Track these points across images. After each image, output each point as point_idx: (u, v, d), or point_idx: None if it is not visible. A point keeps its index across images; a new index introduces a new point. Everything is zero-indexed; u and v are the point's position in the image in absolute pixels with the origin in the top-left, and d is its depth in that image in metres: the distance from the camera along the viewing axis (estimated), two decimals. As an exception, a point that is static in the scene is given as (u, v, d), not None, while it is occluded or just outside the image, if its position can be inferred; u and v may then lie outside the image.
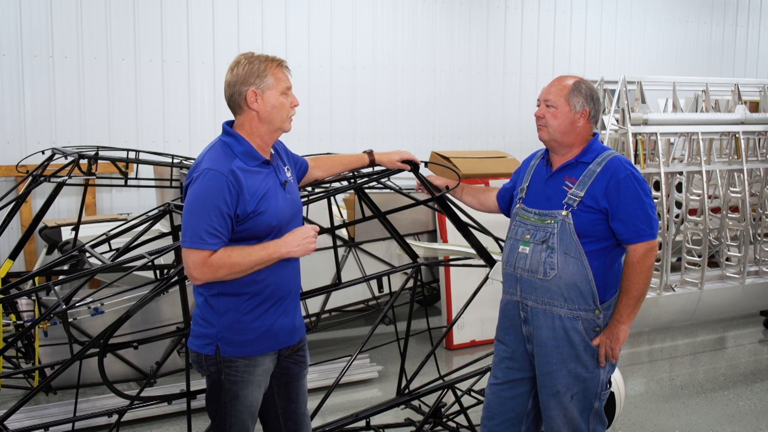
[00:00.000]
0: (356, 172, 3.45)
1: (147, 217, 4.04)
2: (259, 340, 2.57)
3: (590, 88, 2.92)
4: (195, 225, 2.41)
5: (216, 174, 2.44)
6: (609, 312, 2.88)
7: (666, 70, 10.02)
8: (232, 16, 7.28)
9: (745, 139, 6.00)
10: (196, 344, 2.58)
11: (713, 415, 4.66)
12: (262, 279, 2.54)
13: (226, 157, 2.51)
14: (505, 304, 3.06)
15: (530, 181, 3.04)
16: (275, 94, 2.55)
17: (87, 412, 3.94)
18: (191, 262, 2.42)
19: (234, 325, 2.53)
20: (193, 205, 2.45)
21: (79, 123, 6.70)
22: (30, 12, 6.43)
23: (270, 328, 2.59)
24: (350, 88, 7.86)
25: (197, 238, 2.40)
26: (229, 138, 2.57)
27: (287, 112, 2.60)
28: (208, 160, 2.51)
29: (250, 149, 2.55)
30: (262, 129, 2.57)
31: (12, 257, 4.95)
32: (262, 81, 2.52)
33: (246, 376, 2.57)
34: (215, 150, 2.55)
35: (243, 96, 2.53)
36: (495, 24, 8.82)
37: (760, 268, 6.23)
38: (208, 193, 2.42)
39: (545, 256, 2.85)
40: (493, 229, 3.97)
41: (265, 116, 2.55)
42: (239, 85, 2.53)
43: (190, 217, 2.44)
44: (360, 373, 5.13)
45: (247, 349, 2.55)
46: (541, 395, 2.96)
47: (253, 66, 2.53)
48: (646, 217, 2.79)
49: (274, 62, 2.57)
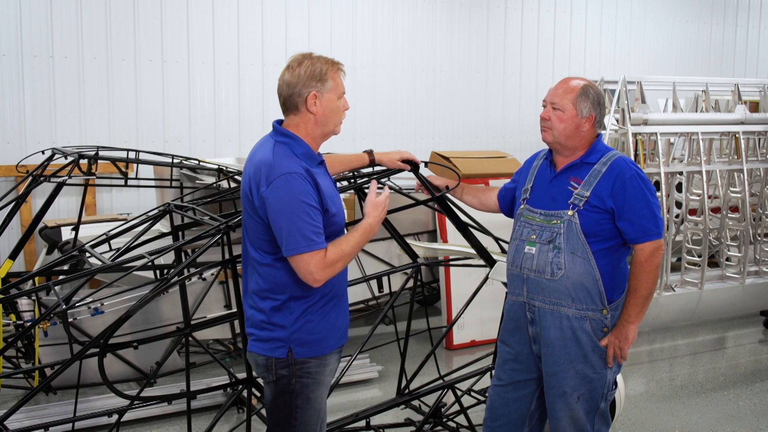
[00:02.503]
0: (356, 172, 3.45)
1: (147, 217, 4.03)
2: (328, 338, 2.58)
3: (598, 92, 2.91)
4: (300, 228, 2.38)
5: (298, 177, 2.41)
6: (617, 312, 2.88)
7: (666, 70, 10.02)
8: (232, 16, 7.28)
9: (745, 139, 6.00)
10: (265, 348, 2.54)
11: (713, 415, 4.66)
12: (332, 279, 2.55)
13: (293, 158, 2.48)
14: (511, 305, 3.05)
15: (534, 182, 3.03)
16: (333, 98, 2.56)
17: (87, 412, 3.94)
18: (313, 265, 2.39)
19: (306, 326, 2.53)
20: (288, 209, 2.39)
21: (79, 123, 6.70)
22: (30, 12, 6.43)
23: (334, 325, 2.61)
24: (350, 88, 7.81)
25: (308, 241, 2.38)
26: (287, 139, 2.53)
27: (341, 116, 2.62)
28: (282, 164, 2.44)
29: (309, 150, 2.54)
30: (316, 131, 2.57)
31: (12, 257, 4.95)
32: (324, 84, 2.52)
33: (317, 377, 2.57)
34: (279, 152, 2.49)
35: (303, 98, 2.51)
36: (495, 24, 8.82)
37: (760, 268, 6.23)
38: (298, 195, 2.39)
39: (552, 256, 2.85)
40: (493, 229, 3.96)
41: (321, 119, 2.55)
42: (300, 86, 2.51)
43: (292, 222, 2.38)
44: (360, 373, 5.13)
45: (319, 348, 2.56)
46: (547, 396, 2.96)
47: (316, 68, 2.52)
48: (652, 216, 2.80)
49: (334, 66, 2.58)
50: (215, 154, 7.17)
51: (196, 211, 3.81)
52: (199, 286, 4.86)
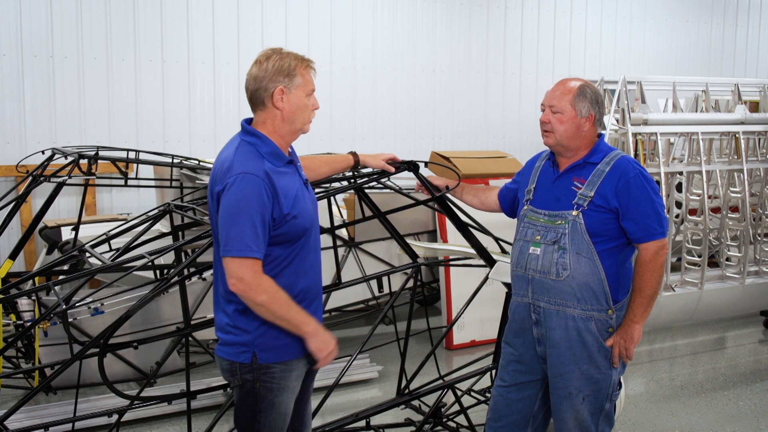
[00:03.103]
0: (356, 171, 3.45)
1: (147, 217, 4.04)
2: (294, 343, 2.50)
3: (595, 91, 2.90)
4: (240, 231, 2.33)
5: (252, 178, 2.35)
6: (622, 312, 2.88)
7: (666, 70, 10.02)
8: (232, 16, 7.28)
9: (745, 139, 6.00)
10: (230, 353, 2.49)
11: (713, 415, 4.66)
12: (299, 282, 2.51)
13: (256, 158, 2.42)
14: (516, 306, 3.05)
15: (537, 183, 3.03)
16: (301, 95, 2.49)
17: (87, 412, 3.94)
18: (242, 272, 2.33)
19: (270, 331, 2.46)
20: (232, 211, 2.35)
21: (79, 123, 6.70)
22: (30, 12, 6.43)
23: None
24: (350, 88, 7.86)
25: (243, 246, 2.32)
26: (253, 138, 2.48)
27: (309, 114, 2.55)
28: (239, 164, 2.39)
29: (275, 149, 2.48)
30: (284, 129, 2.51)
31: (12, 257, 4.95)
32: (291, 80, 2.46)
33: (282, 382, 2.52)
34: (242, 151, 2.44)
35: (269, 93, 2.45)
36: (495, 24, 8.82)
37: (760, 268, 6.23)
38: (247, 198, 2.34)
39: (557, 256, 2.84)
40: (494, 229, 3.96)
41: (288, 116, 2.49)
42: (267, 81, 2.44)
43: (232, 224, 2.34)
44: (360, 373, 5.13)
45: (284, 353, 2.50)
46: (552, 397, 2.96)
47: (284, 63, 2.45)
48: (656, 216, 2.80)
49: (304, 62, 2.50)
50: (215, 154, 7.13)
51: (196, 211, 3.81)
52: (199, 286, 4.86)
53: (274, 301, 2.38)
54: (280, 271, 2.47)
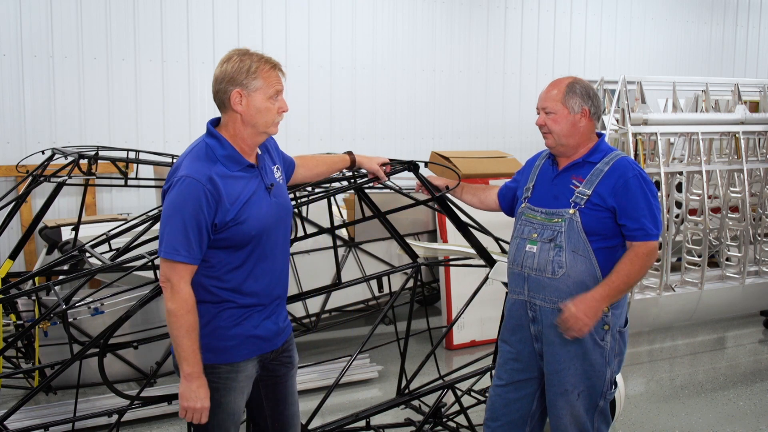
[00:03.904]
0: (356, 171, 3.45)
1: (147, 217, 4.04)
2: (241, 346, 2.49)
3: (584, 86, 2.92)
4: (170, 234, 2.33)
5: (193, 182, 2.33)
6: (617, 311, 2.88)
7: (666, 70, 10.02)
8: (232, 16, 7.28)
9: (745, 139, 6.01)
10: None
11: (713, 415, 4.66)
12: (246, 287, 2.48)
13: (207, 161, 2.39)
14: (512, 303, 3.05)
15: (536, 181, 3.04)
16: (261, 98, 2.41)
17: (87, 412, 3.93)
18: (170, 273, 2.35)
19: (215, 332, 2.45)
20: (168, 212, 2.35)
21: (79, 123, 6.70)
22: (30, 12, 6.43)
23: (253, 333, 2.51)
24: (350, 88, 7.86)
25: (171, 248, 2.32)
26: (212, 140, 2.44)
27: (273, 117, 2.46)
28: (186, 166, 2.38)
29: (232, 153, 2.43)
30: (245, 132, 2.45)
31: (12, 257, 4.95)
32: (250, 82, 2.39)
33: (228, 383, 2.50)
34: (196, 153, 2.42)
35: (228, 95, 2.40)
36: (495, 24, 8.82)
37: (760, 268, 6.23)
38: (184, 202, 2.33)
39: (553, 254, 2.85)
40: (493, 229, 3.96)
41: (248, 119, 2.42)
42: (225, 82, 2.40)
43: (166, 226, 2.35)
44: (360, 373, 5.13)
45: (230, 356, 2.48)
46: (548, 394, 2.96)
47: (244, 65, 2.39)
48: (652, 217, 2.80)
49: (267, 63, 2.43)
50: (215, 154, 7.16)
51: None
52: (199, 286, 4.85)
53: (178, 318, 2.35)
54: (222, 275, 2.45)
